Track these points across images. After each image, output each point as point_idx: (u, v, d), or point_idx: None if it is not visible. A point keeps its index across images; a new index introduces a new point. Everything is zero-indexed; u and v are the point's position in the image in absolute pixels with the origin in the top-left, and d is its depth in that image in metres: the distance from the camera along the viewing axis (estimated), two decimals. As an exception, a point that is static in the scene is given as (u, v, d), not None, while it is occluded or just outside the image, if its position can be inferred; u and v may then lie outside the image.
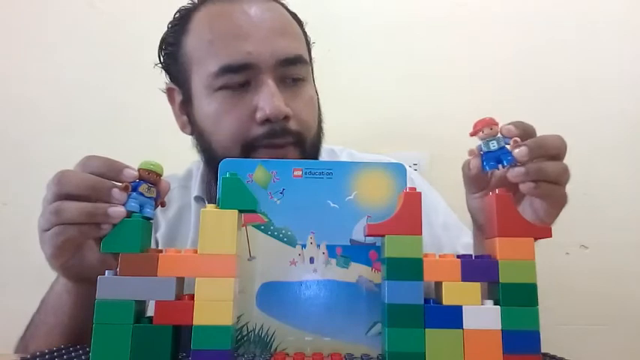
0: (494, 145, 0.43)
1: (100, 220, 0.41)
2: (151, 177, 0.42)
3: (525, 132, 0.44)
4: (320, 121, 0.71)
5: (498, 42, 1.10)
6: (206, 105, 0.65)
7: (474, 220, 0.53)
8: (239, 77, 0.63)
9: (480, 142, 0.44)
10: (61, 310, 0.53)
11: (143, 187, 0.42)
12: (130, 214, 0.41)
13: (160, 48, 0.72)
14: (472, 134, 0.44)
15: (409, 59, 1.10)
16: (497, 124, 0.43)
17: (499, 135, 0.43)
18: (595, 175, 1.01)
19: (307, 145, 0.65)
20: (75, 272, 0.49)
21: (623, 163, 1.05)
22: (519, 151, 0.42)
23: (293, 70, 0.65)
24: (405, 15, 1.12)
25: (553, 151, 0.44)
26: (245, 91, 0.63)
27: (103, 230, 0.42)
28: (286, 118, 0.62)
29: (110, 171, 0.43)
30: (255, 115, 0.62)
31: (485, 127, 0.43)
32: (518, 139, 0.43)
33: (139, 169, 0.42)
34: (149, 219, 0.42)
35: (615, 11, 1.10)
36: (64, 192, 0.43)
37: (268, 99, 0.61)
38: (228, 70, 0.63)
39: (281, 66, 0.64)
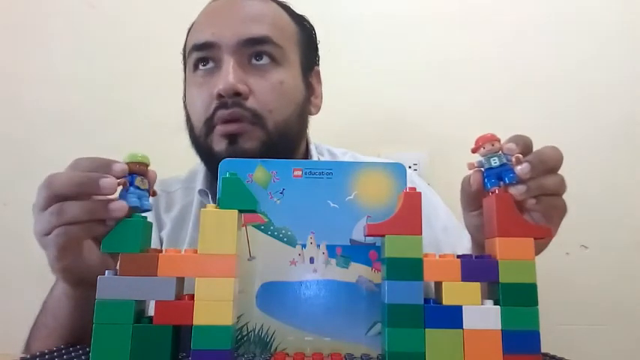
0: (495, 162, 0.42)
1: (102, 215, 0.41)
2: (141, 169, 0.42)
3: (525, 147, 0.44)
4: (298, 111, 0.70)
5: (499, 42, 1.10)
6: (187, 89, 0.72)
7: (472, 237, 0.52)
8: (203, 54, 0.68)
9: (480, 158, 0.43)
10: (60, 314, 0.53)
11: (138, 181, 0.42)
12: (131, 212, 0.41)
13: None
14: (474, 151, 0.43)
15: (409, 59, 1.10)
16: (498, 140, 0.43)
17: (500, 152, 0.42)
18: (595, 175, 1.01)
19: (270, 127, 0.66)
20: (76, 274, 0.49)
21: (622, 163, 1.05)
22: (522, 169, 0.42)
23: (258, 49, 0.67)
24: (405, 15, 1.12)
25: (552, 165, 0.44)
26: (211, 73, 0.68)
27: (108, 227, 0.42)
28: (240, 94, 0.64)
29: (99, 168, 0.43)
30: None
31: (486, 143, 0.42)
32: (520, 155, 0.42)
33: (128, 163, 0.42)
34: (148, 210, 0.42)
35: (615, 11, 1.10)
36: (54, 194, 0.43)
37: (224, 76, 0.65)
38: (194, 48, 0.69)
39: (244, 46, 0.67)
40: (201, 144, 0.68)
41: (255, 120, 0.65)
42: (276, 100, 0.67)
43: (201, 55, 0.68)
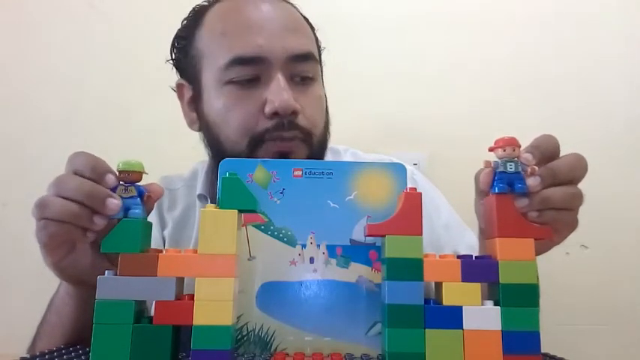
0: (511, 168, 0.41)
1: (84, 223, 0.42)
2: (123, 177, 0.41)
3: (544, 155, 0.43)
4: (327, 122, 0.70)
5: (498, 42, 1.10)
6: (215, 99, 0.65)
7: (481, 227, 0.52)
8: (249, 70, 0.63)
9: (497, 159, 0.42)
10: (63, 311, 0.54)
11: (120, 190, 0.41)
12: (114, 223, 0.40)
13: (172, 44, 0.73)
14: (491, 149, 0.42)
15: (409, 59, 1.10)
16: (519, 145, 0.42)
17: (517, 158, 0.42)
18: (595, 175, 1.00)
19: (314, 143, 0.65)
20: (70, 274, 0.49)
21: (623, 163, 1.05)
22: (532, 181, 0.41)
23: (303, 66, 0.65)
24: (405, 15, 1.12)
25: (567, 177, 0.43)
26: (254, 85, 0.63)
27: (88, 238, 0.43)
28: (294, 113, 0.62)
29: (93, 173, 0.43)
30: (264, 108, 0.62)
31: (507, 146, 0.41)
32: (536, 167, 0.42)
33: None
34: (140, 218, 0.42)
35: (615, 11, 1.10)
36: (60, 195, 0.43)
37: (278, 93, 0.61)
38: (239, 62, 0.63)
39: (291, 62, 0.64)
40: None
41: (304, 137, 0.64)
42: (319, 115, 0.67)
43: (248, 71, 0.63)
